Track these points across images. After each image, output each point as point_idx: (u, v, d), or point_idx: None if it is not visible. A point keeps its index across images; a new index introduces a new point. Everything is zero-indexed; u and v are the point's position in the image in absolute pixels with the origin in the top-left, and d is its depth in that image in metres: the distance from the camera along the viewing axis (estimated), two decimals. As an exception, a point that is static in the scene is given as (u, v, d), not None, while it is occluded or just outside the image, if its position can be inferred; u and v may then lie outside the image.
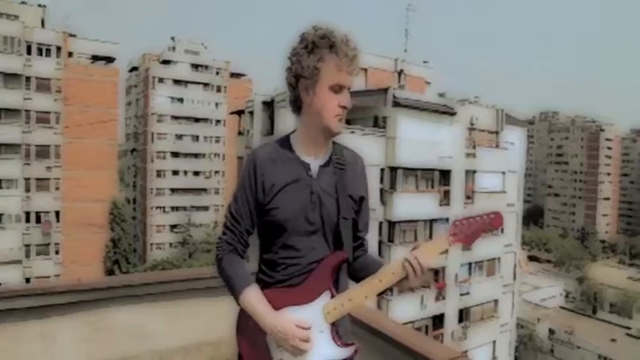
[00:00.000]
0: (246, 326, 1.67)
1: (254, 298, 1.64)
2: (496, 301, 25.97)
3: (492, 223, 1.63)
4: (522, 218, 32.31)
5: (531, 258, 75.30)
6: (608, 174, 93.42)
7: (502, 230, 25.67)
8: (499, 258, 25.98)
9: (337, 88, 1.65)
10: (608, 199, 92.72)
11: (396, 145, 21.09)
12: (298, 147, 1.73)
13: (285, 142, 1.75)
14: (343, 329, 1.70)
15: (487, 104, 27.16)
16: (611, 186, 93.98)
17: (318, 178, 1.70)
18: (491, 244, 25.09)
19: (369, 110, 21.75)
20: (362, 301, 1.64)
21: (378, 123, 21.67)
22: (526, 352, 43.05)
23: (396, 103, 21.30)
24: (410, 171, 21.75)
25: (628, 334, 54.41)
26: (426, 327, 22.66)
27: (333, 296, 1.64)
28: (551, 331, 52.03)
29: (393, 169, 21.25)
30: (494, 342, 25.58)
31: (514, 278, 27.54)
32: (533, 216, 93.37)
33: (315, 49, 1.62)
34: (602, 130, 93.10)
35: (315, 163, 1.72)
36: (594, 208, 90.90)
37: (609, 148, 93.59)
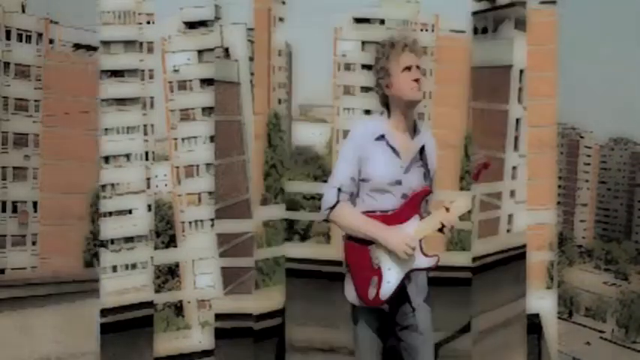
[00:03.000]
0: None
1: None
2: (475, 302, 26.27)
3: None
4: (502, 222, 32.70)
5: (510, 261, 76.35)
6: (587, 181, 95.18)
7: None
8: (479, 260, 26.27)
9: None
10: (585, 205, 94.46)
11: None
12: None
13: None
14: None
15: (471, 108, 27.45)
16: (589, 192, 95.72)
17: None
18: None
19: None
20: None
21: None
22: (502, 354, 43.60)
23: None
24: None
25: (602, 338, 55.63)
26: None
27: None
28: (528, 334, 52.79)
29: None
30: (472, 343, 25.88)
31: (493, 281, 27.89)
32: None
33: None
34: (582, 137, 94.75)
35: None
36: (572, 214, 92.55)
37: (588, 156, 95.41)
